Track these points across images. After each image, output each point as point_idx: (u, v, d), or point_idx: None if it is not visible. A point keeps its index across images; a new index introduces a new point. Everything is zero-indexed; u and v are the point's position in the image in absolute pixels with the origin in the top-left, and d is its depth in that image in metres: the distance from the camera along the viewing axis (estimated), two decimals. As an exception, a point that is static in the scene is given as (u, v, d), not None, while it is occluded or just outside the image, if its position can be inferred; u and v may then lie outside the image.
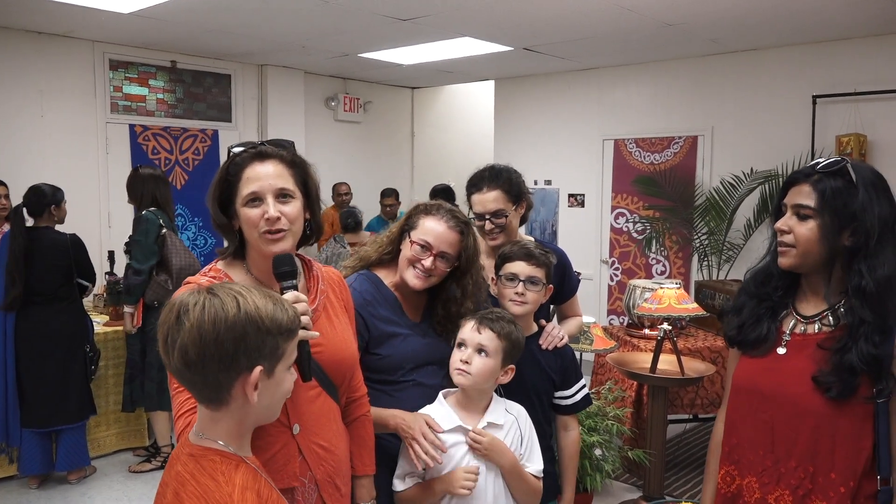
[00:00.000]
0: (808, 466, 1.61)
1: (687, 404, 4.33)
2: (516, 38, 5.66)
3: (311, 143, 7.48)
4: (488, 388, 1.98)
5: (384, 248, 2.13)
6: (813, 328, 1.66)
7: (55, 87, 5.80)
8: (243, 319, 1.19)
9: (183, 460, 1.25)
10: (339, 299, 1.83)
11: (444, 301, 2.10)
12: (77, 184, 5.55)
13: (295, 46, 6.15)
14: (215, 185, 1.66)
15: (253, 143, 1.68)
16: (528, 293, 2.15)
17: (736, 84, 6.10)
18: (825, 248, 1.60)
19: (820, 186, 1.61)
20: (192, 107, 6.72)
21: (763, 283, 1.76)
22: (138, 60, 6.30)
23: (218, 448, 1.24)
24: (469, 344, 1.94)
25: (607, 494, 4.14)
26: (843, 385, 1.54)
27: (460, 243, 2.04)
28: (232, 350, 1.18)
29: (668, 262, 6.63)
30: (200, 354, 1.18)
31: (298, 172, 1.68)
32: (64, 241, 4.19)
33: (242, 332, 1.19)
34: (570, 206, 7.26)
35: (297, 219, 1.65)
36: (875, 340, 1.53)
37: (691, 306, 3.88)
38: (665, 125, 6.56)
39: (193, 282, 1.63)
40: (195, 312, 1.18)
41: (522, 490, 1.97)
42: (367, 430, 1.90)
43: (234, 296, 1.21)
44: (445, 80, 8.15)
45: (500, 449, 1.94)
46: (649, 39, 5.63)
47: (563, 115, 7.25)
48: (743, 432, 1.73)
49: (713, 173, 6.22)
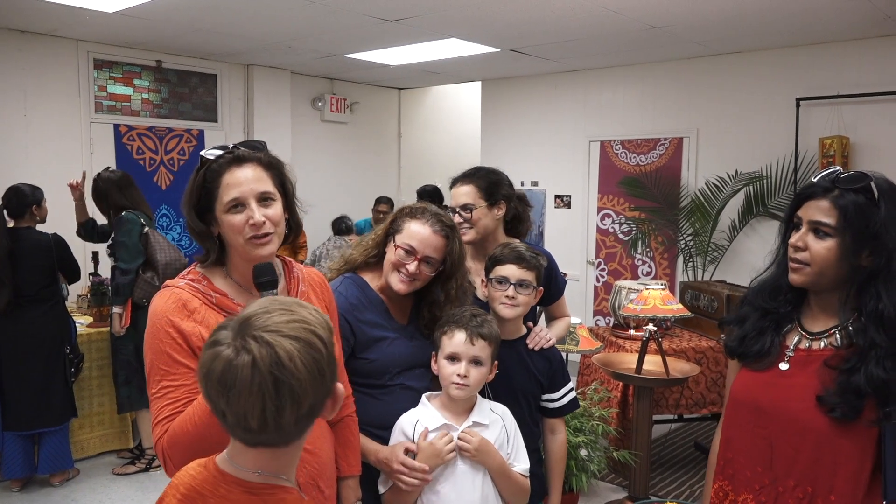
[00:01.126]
0: (807, 487, 1.56)
1: (672, 405, 4.35)
2: (503, 39, 5.67)
3: (298, 143, 7.46)
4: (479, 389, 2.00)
5: (369, 251, 2.12)
6: (819, 345, 1.61)
7: (38, 87, 5.74)
8: (322, 347, 1.09)
9: (235, 497, 1.11)
10: (320, 300, 1.81)
11: (429, 304, 2.09)
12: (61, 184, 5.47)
13: (281, 46, 6.13)
14: (191, 193, 1.63)
15: (225, 146, 1.66)
16: (519, 296, 2.15)
17: (721, 86, 6.15)
18: (843, 268, 1.54)
19: (841, 203, 1.52)
20: (177, 107, 6.67)
21: (771, 296, 1.69)
22: (123, 60, 6.25)
23: (282, 485, 1.14)
24: (463, 357, 1.94)
25: (593, 495, 4.15)
26: (847, 406, 1.49)
27: (445, 248, 2.03)
28: (331, 383, 1.11)
29: (653, 263, 6.66)
30: (314, 401, 1.08)
31: (276, 173, 1.67)
32: (47, 241, 4.15)
33: (330, 356, 1.10)
34: (556, 208, 7.28)
35: (280, 220, 1.64)
36: (886, 365, 1.47)
37: (676, 307, 3.90)
38: (651, 127, 6.59)
39: (171, 285, 1.62)
40: (296, 363, 1.04)
41: (511, 490, 1.98)
42: (351, 431, 1.89)
43: (293, 333, 1.07)
44: (432, 81, 8.15)
45: (488, 450, 1.94)
46: (635, 42, 5.66)
47: (549, 117, 7.27)
48: (739, 447, 1.69)
49: (698, 175, 6.26)
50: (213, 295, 1.61)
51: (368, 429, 1.99)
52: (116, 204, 4.33)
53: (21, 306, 4.05)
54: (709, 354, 4.39)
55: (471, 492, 1.94)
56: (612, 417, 4.05)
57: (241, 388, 1.02)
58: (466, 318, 1.98)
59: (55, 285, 4.20)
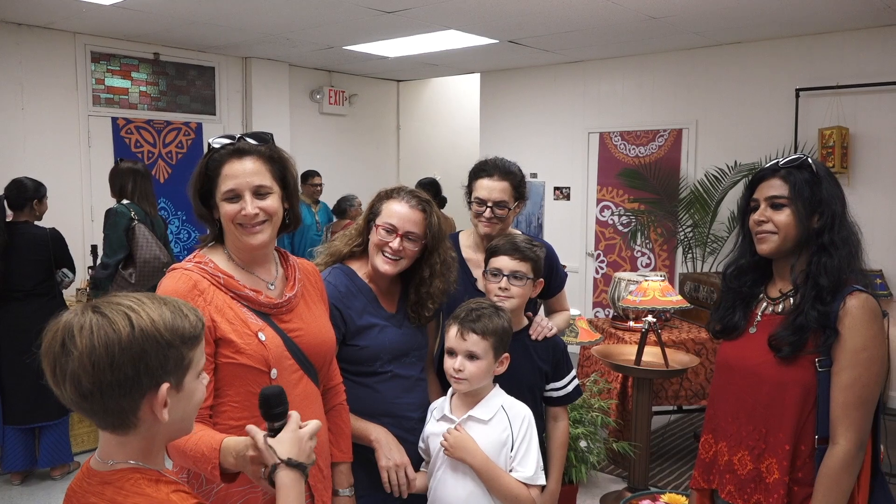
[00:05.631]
0: (761, 428, 1.82)
1: (671, 396, 4.36)
2: (501, 30, 5.65)
3: (297, 136, 7.45)
4: (486, 382, 1.99)
5: (353, 240, 2.14)
6: (779, 308, 1.86)
7: (36, 80, 5.72)
8: (140, 338, 1.07)
9: (96, 490, 1.13)
10: (315, 289, 1.88)
11: (416, 285, 2.11)
12: (59, 178, 5.49)
13: (279, 39, 6.10)
14: (196, 178, 1.71)
15: (232, 137, 1.70)
16: (513, 287, 2.15)
17: (720, 77, 6.13)
18: (800, 231, 1.80)
19: (791, 179, 1.81)
20: (175, 99, 6.66)
21: (737, 277, 1.96)
22: (121, 52, 6.23)
23: (137, 467, 1.14)
24: (458, 351, 1.94)
25: (593, 486, 4.16)
26: (793, 342, 1.75)
27: (424, 221, 2.05)
28: (132, 373, 1.07)
29: (652, 254, 6.66)
30: (96, 383, 1.06)
31: (276, 167, 1.72)
32: (44, 236, 4.14)
33: (141, 351, 1.07)
34: (555, 199, 7.27)
35: (275, 211, 1.70)
36: (826, 300, 1.74)
37: (675, 298, 3.90)
38: (650, 118, 6.58)
39: (179, 268, 1.68)
40: (83, 338, 1.06)
41: (501, 494, 1.92)
42: (343, 419, 1.94)
43: (124, 312, 1.08)
44: (431, 72, 8.13)
45: (466, 447, 1.91)
46: (634, 32, 5.64)
47: (548, 109, 7.26)
48: (718, 404, 1.95)
49: (698, 166, 6.25)
50: (220, 276, 1.67)
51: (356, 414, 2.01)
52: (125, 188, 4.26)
53: (18, 300, 4.05)
54: (708, 346, 4.39)
55: (453, 487, 1.94)
56: (611, 409, 4.06)
57: (76, 351, 1.06)
58: (464, 313, 1.98)
59: (52, 280, 4.19)
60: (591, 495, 4.07)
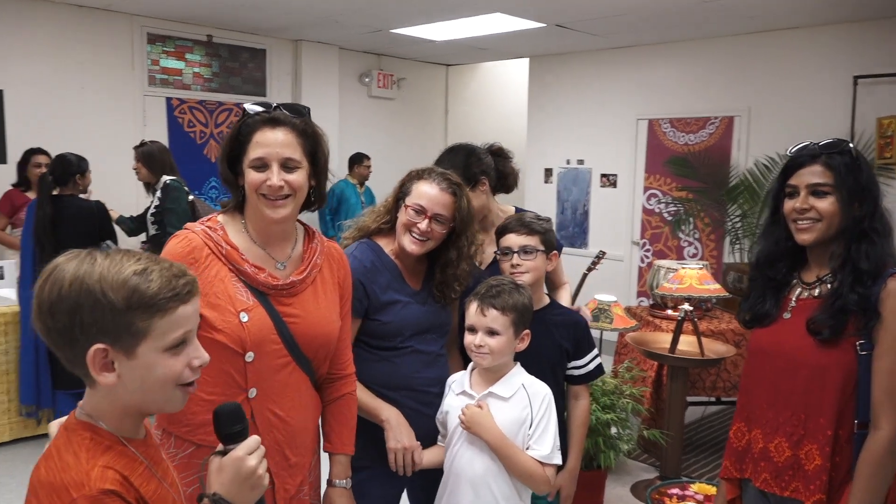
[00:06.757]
0: (800, 414, 1.79)
1: (709, 386, 4.29)
2: (548, 13, 5.59)
3: (345, 119, 7.52)
4: (506, 359, 2.01)
5: (381, 217, 2.15)
6: (815, 292, 1.83)
7: (94, 60, 5.91)
8: (76, 290, 1.02)
9: (59, 433, 1.12)
10: (334, 275, 1.84)
11: (442, 265, 2.11)
12: (115, 154, 5.67)
13: (328, 21, 6.16)
14: (226, 142, 1.70)
15: (268, 104, 1.69)
16: (525, 262, 2.16)
17: (775, 64, 5.95)
18: (844, 219, 1.75)
19: (833, 164, 1.76)
20: (227, 81, 6.80)
21: (771, 264, 1.91)
22: (175, 34, 6.39)
23: (95, 425, 1.10)
24: (478, 327, 1.97)
25: (625, 473, 4.14)
26: (833, 325, 1.71)
27: (454, 204, 2.05)
28: (68, 324, 1.03)
29: (699, 244, 6.53)
30: (44, 326, 1.05)
31: (308, 142, 1.69)
32: (90, 209, 4.30)
33: (75, 304, 1.02)
34: (602, 187, 7.19)
35: (301, 187, 1.67)
36: (867, 283, 1.71)
37: (713, 287, 3.83)
38: (701, 105, 6.43)
39: (189, 229, 1.68)
40: (45, 280, 1.04)
41: (516, 471, 1.94)
42: (350, 410, 1.91)
43: (93, 260, 1.05)
44: (480, 57, 8.10)
45: (482, 422, 1.93)
46: (686, 17, 5.52)
47: (597, 95, 7.16)
48: (752, 391, 1.91)
49: (749, 155, 6.09)
50: (224, 246, 1.65)
51: (375, 387, 2.04)
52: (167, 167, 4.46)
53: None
54: (748, 336, 4.30)
55: (469, 462, 1.96)
56: (643, 396, 4.02)
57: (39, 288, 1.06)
58: (484, 289, 2.00)
59: None
60: (622, 482, 4.05)
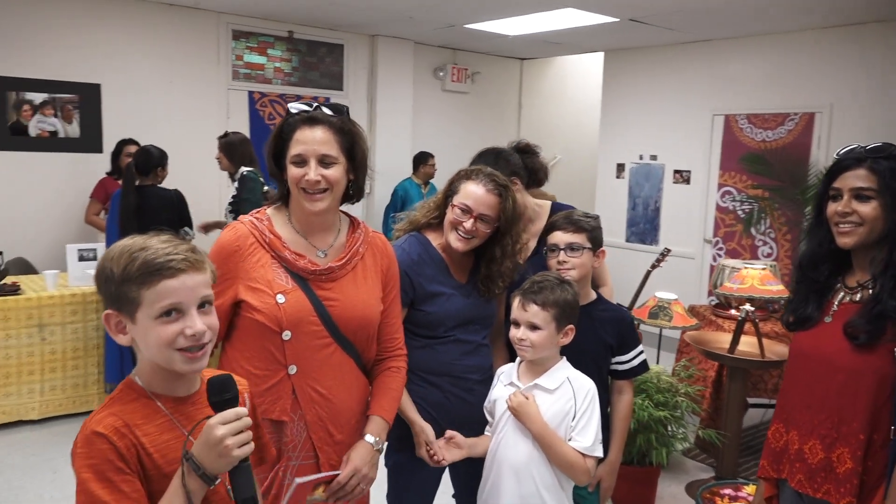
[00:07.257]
0: (834, 418, 1.81)
1: (771, 389, 4.21)
2: (621, 8, 5.55)
3: (419, 112, 7.65)
4: (550, 353, 2.07)
5: (431, 212, 2.25)
6: (857, 297, 1.83)
7: (182, 56, 6.25)
8: (101, 264, 1.29)
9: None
10: (377, 263, 1.95)
11: (487, 261, 2.20)
12: (200, 146, 5.98)
13: (403, 17, 6.30)
14: (271, 140, 1.86)
15: (310, 103, 1.84)
16: (572, 259, 2.22)
17: (859, 59, 5.71)
18: (886, 224, 1.76)
19: (878, 168, 1.76)
20: (306, 75, 7.04)
21: (814, 266, 1.93)
22: (258, 31, 6.67)
23: (132, 380, 1.31)
24: (521, 322, 2.04)
25: (681, 472, 4.13)
26: (870, 330, 1.73)
27: (499, 205, 2.13)
28: (100, 292, 1.31)
29: (775, 243, 6.36)
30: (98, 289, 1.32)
31: (346, 139, 1.82)
32: (170, 197, 4.57)
33: (100, 275, 1.29)
34: (675, 183, 7.07)
35: (337, 181, 1.81)
36: None
37: (776, 288, 3.76)
38: (780, 101, 6.24)
39: (240, 220, 1.86)
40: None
41: (557, 461, 2.00)
42: (394, 381, 1.99)
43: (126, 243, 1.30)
44: (553, 51, 8.09)
45: (528, 412, 2.01)
46: (765, 9, 5.37)
47: (672, 89, 7.04)
48: (791, 393, 1.94)
49: (829, 153, 5.87)
50: (267, 235, 1.82)
51: (418, 372, 2.15)
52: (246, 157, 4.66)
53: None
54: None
55: (514, 449, 2.04)
56: (700, 396, 3.98)
57: None
58: (528, 285, 2.07)
59: None
60: (678, 481, 4.04)
